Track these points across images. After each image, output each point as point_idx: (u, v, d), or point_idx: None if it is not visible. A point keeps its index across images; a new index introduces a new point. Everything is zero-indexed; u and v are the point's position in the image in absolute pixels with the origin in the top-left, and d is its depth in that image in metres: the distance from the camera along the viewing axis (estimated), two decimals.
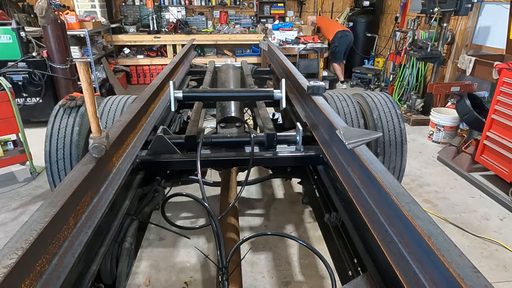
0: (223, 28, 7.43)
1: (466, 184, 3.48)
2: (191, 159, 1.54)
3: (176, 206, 2.97)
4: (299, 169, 1.88)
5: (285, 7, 7.76)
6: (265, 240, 2.58)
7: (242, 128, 1.89)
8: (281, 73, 2.89)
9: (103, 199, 1.11)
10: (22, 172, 3.55)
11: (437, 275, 0.74)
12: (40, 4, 4.10)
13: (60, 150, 2.39)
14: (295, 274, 2.30)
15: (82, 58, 5.56)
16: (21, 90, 4.51)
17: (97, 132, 1.13)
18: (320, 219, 1.55)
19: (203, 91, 2.24)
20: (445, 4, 4.54)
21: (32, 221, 0.83)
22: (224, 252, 1.18)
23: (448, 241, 0.77)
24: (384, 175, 1.03)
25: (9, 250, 0.73)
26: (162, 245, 2.55)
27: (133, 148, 1.47)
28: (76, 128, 2.43)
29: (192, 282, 2.22)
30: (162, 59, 7.18)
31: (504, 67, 3.23)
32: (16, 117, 3.22)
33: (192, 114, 2.04)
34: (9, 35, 4.32)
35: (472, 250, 2.56)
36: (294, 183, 3.35)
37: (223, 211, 1.53)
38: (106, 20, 6.57)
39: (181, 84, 2.87)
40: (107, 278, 1.13)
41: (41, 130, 3.03)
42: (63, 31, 4.55)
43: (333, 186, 1.42)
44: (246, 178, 1.59)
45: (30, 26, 5.37)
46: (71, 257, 0.87)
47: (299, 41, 6.44)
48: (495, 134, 3.29)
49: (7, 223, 2.75)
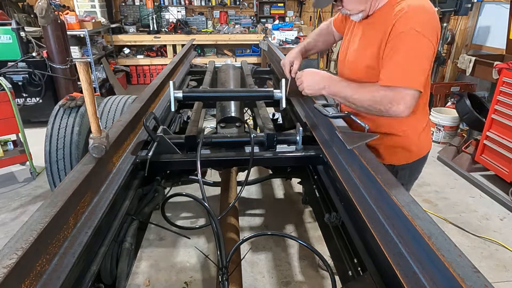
0: (223, 28, 7.43)
1: (466, 184, 3.48)
2: (191, 159, 1.53)
3: (176, 206, 2.97)
4: (299, 169, 1.88)
5: (285, 7, 7.75)
6: (265, 240, 2.58)
7: (242, 128, 1.88)
8: (281, 73, 2.88)
9: (103, 199, 1.11)
10: (22, 172, 3.55)
11: (437, 275, 0.74)
12: (40, 4, 4.10)
13: (60, 150, 2.39)
14: (295, 274, 2.30)
15: (82, 58, 5.57)
16: (21, 90, 4.51)
17: (97, 132, 1.13)
18: (320, 219, 1.55)
19: (203, 91, 2.24)
20: (445, 4, 4.54)
21: (32, 221, 0.83)
22: (224, 252, 1.18)
23: (448, 241, 0.77)
24: (384, 175, 1.03)
25: (9, 250, 0.73)
26: (162, 245, 2.55)
27: (133, 148, 1.47)
28: (76, 128, 2.44)
29: (192, 282, 2.22)
30: (162, 59, 7.18)
31: (504, 67, 3.23)
32: (16, 117, 3.22)
33: (192, 114, 2.03)
34: (9, 35, 4.32)
35: (472, 250, 2.56)
36: (294, 183, 3.35)
37: (223, 211, 1.53)
38: (106, 20, 6.57)
39: (181, 84, 2.86)
40: (107, 278, 1.13)
41: (41, 130, 3.03)
42: (63, 31, 4.55)
43: (333, 186, 1.42)
44: (246, 178, 1.58)
45: (30, 26, 5.37)
46: (71, 257, 0.87)
47: (299, 41, 6.44)
48: (495, 134, 3.29)
49: (7, 223, 2.75)
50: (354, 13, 1.41)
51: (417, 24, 1.23)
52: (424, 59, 1.25)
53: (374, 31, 1.38)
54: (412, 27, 1.23)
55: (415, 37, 1.23)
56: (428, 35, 1.23)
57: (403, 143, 1.51)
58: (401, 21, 1.26)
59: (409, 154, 1.55)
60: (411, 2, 1.28)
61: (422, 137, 1.54)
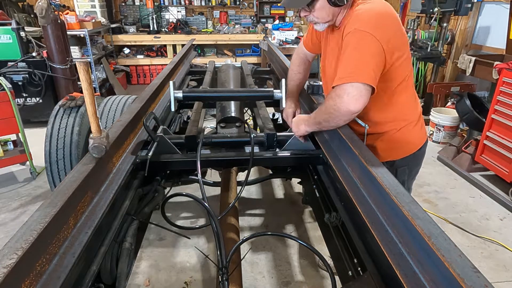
0: (223, 28, 7.43)
1: (466, 184, 3.48)
2: (191, 159, 1.53)
3: (176, 206, 2.97)
4: (299, 169, 1.88)
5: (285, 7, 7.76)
6: (265, 240, 2.58)
7: (242, 128, 1.89)
8: (281, 73, 2.89)
9: (103, 199, 1.11)
10: (22, 172, 3.55)
11: (437, 275, 0.74)
12: (40, 4, 4.10)
13: (60, 150, 2.39)
14: (295, 274, 2.30)
15: (82, 58, 5.57)
16: (21, 90, 4.50)
17: (97, 132, 1.13)
18: (320, 219, 1.55)
19: (203, 91, 2.24)
20: (445, 4, 4.54)
21: (32, 221, 0.83)
22: (224, 252, 1.18)
23: (448, 241, 0.77)
24: (384, 175, 1.03)
25: (9, 250, 0.73)
26: (162, 245, 2.55)
27: (133, 148, 1.48)
28: (76, 128, 2.44)
29: (192, 282, 2.22)
30: (162, 59, 7.18)
31: (504, 67, 3.23)
32: (16, 117, 3.21)
33: (192, 114, 2.04)
34: (9, 35, 4.32)
35: (472, 250, 2.56)
36: (294, 183, 3.35)
37: (223, 211, 1.53)
38: (106, 20, 6.57)
39: (181, 84, 2.87)
40: (107, 278, 1.13)
41: (41, 130, 3.03)
42: (63, 31, 4.55)
43: (333, 186, 1.42)
44: (246, 178, 1.58)
45: (30, 26, 5.37)
46: (71, 257, 0.87)
47: (299, 41, 6.43)
48: (495, 134, 3.29)
49: (7, 223, 2.75)
50: (321, 22, 1.43)
51: (361, 23, 1.27)
52: (367, 54, 1.25)
53: (335, 40, 1.45)
54: (356, 27, 1.27)
55: (357, 35, 1.26)
56: (372, 32, 1.24)
57: (401, 136, 1.54)
58: (349, 25, 1.31)
59: (407, 146, 1.57)
60: (364, 7, 1.32)
61: (417, 127, 1.58)
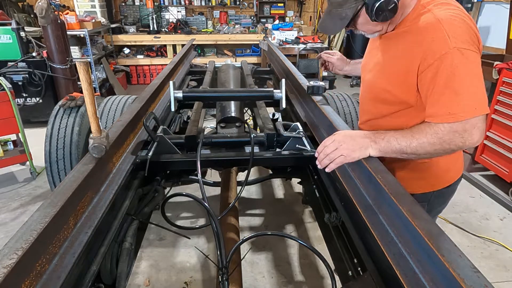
0: (223, 28, 7.43)
1: (466, 184, 3.47)
2: (191, 159, 1.53)
3: (176, 206, 2.97)
4: (299, 169, 1.88)
5: (285, 7, 7.76)
6: (265, 240, 2.58)
7: (242, 128, 1.89)
8: (281, 73, 2.89)
9: (103, 199, 1.11)
10: (22, 172, 3.55)
11: (437, 275, 0.74)
12: (40, 4, 4.10)
13: (60, 150, 2.39)
14: (295, 274, 2.30)
15: (82, 58, 5.57)
16: (21, 90, 4.51)
17: (97, 132, 1.13)
18: (320, 219, 1.55)
19: (203, 91, 2.24)
20: None
21: (32, 221, 0.83)
22: (224, 252, 1.18)
23: (448, 241, 0.77)
24: (384, 175, 1.03)
25: (9, 250, 0.73)
26: (162, 245, 2.55)
27: (133, 148, 1.47)
28: (76, 128, 2.43)
29: (192, 282, 2.22)
30: (162, 59, 7.18)
31: (504, 67, 3.23)
32: (16, 117, 3.22)
33: (192, 114, 2.03)
34: (9, 35, 4.32)
35: (472, 250, 2.56)
36: (294, 183, 3.35)
37: (223, 211, 1.53)
38: (106, 20, 6.57)
39: (181, 84, 2.87)
40: (107, 278, 1.13)
41: (41, 130, 3.03)
42: (63, 31, 4.55)
43: (333, 186, 1.42)
44: (246, 178, 1.58)
45: (30, 26, 5.38)
46: (71, 257, 0.87)
47: (299, 41, 6.44)
48: (495, 134, 3.29)
49: (7, 223, 2.75)
50: (370, 33, 1.29)
51: (457, 40, 1.05)
52: (479, 75, 1.07)
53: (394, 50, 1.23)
54: (457, 46, 1.05)
55: (461, 56, 1.05)
56: (470, 47, 1.07)
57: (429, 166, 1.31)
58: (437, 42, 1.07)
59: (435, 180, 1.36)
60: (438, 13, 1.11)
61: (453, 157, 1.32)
